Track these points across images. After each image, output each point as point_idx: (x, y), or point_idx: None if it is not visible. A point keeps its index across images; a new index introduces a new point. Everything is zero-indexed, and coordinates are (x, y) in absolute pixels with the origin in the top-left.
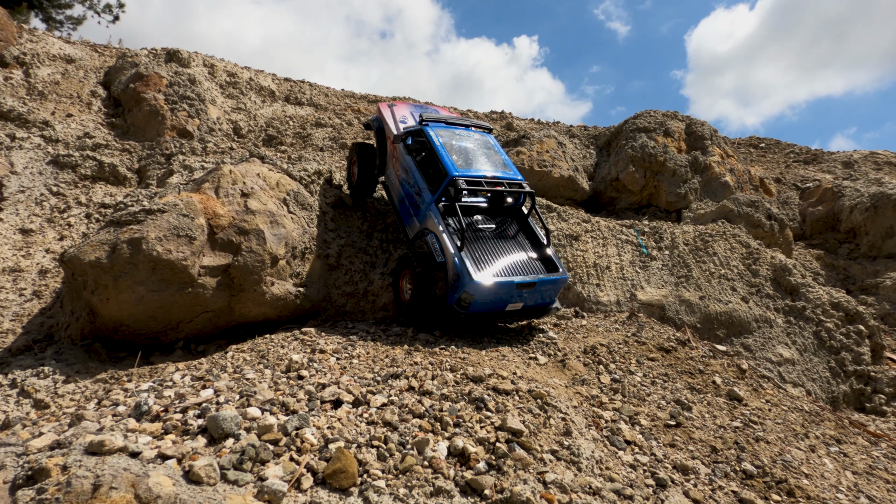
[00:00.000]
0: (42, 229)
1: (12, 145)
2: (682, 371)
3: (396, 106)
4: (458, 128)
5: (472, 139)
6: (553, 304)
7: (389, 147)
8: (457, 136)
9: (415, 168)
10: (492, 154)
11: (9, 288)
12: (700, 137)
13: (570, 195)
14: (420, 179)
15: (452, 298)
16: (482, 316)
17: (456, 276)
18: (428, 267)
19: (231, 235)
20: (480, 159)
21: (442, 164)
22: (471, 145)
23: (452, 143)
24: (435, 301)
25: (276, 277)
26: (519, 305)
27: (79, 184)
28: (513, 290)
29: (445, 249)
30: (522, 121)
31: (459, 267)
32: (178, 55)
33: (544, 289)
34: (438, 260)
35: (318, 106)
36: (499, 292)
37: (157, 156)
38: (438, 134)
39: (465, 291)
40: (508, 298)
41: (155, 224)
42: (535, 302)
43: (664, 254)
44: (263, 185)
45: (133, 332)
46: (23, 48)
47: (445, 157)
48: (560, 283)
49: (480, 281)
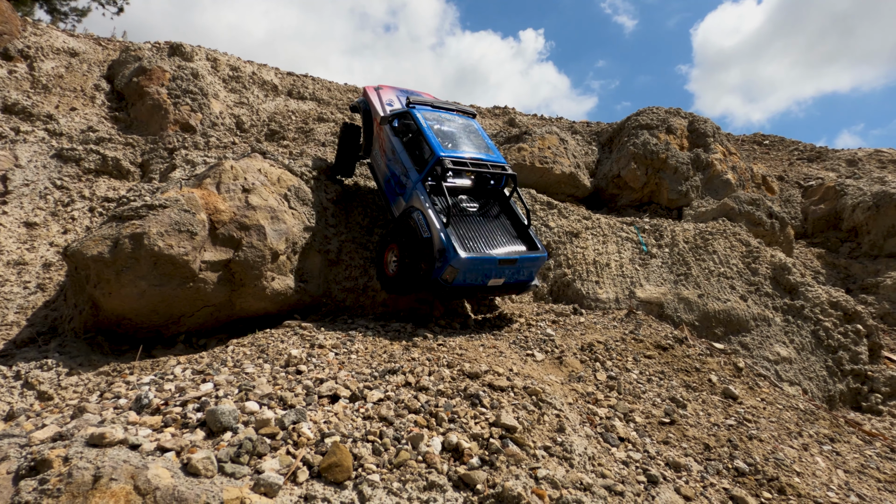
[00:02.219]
0: (46, 223)
1: (17, 139)
2: (678, 369)
3: (382, 90)
4: (443, 111)
5: (457, 123)
6: (533, 281)
7: (376, 128)
8: (442, 119)
9: (401, 149)
10: (475, 137)
11: (13, 281)
12: (703, 135)
13: (571, 192)
14: (407, 160)
15: (437, 273)
16: (465, 290)
17: (441, 252)
18: (414, 242)
19: (232, 231)
20: (465, 142)
21: (429, 145)
22: (455, 128)
23: (438, 126)
24: (419, 275)
25: (276, 272)
26: (500, 281)
27: (82, 177)
28: (495, 265)
29: (432, 226)
30: (525, 116)
31: (445, 242)
32: (182, 49)
33: (525, 265)
34: (424, 236)
35: (321, 100)
36: (482, 267)
37: (159, 150)
38: (426, 116)
39: (450, 266)
40: (490, 274)
41: (156, 219)
42: (516, 278)
43: (664, 252)
44: (264, 181)
45: (135, 325)
46: (27, 41)
47: (432, 138)
48: (540, 260)
49: (465, 256)
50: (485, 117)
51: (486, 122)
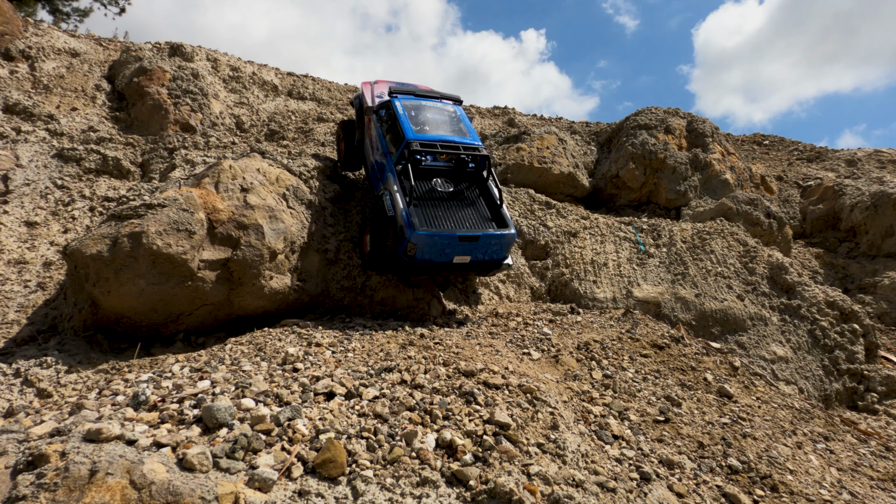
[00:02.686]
0: (47, 222)
1: (17, 138)
2: (674, 368)
3: (378, 84)
4: (426, 100)
5: (438, 109)
6: (505, 261)
7: (365, 120)
8: (422, 106)
9: (382, 136)
10: (454, 122)
11: (14, 279)
12: (701, 135)
13: (569, 192)
14: (385, 146)
15: (400, 249)
16: (429, 266)
17: (402, 229)
18: (381, 221)
19: (230, 230)
20: (441, 126)
21: (401, 129)
22: (434, 114)
23: (416, 113)
24: (387, 252)
25: (274, 272)
26: (466, 259)
27: (83, 177)
28: (455, 242)
29: (396, 205)
30: (525, 116)
31: (405, 219)
32: (182, 49)
33: (491, 243)
34: (389, 214)
35: (321, 100)
36: (442, 244)
37: (160, 150)
38: (404, 105)
39: (408, 242)
40: (453, 251)
41: (155, 218)
42: (484, 257)
43: (662, 251)
44: (263, 181)
45: (134, 324)
46: (28, 42)
47: (405, 123)
48: (507, 238)
49: (421, 232)
50: (484, 117)
51: (486, 123)
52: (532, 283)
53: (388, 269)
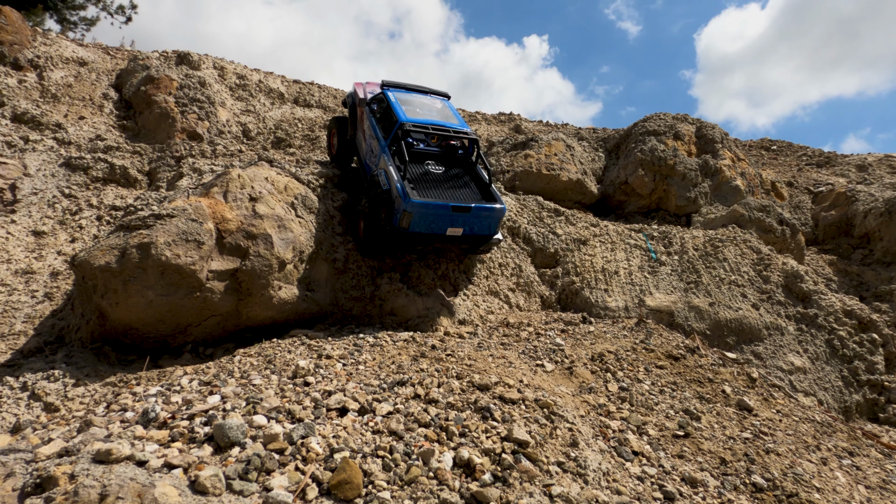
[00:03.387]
0: (54, 231)
1: (26, 147)
2: (690, 380)
3: (368, 84)
4: (416, 93)
5: (427, 99)
6: (496, 235)
7: (359, 113)
8: (413, 98)
9: (375, 125)
10: (443, 111)
11: (21, 290)
12: (711, 141)
13: (578, 198)
14: (378, 132)
15: (395, 220)
16: (423, 237)
17: (397, 200)
18: (376, 195)
19: (239, 240)
20: (431, 113)
21: (394, 114)
22: (425, 104)
23: (406, 101)
24: (382, 226)
25: (283, 282)
26: (459, 231)
27: (90, 186)
28: (449, 212)
29: (391, 179)
30: (531, 123)
31: (400, 190)
32: (189, 58)
33: (482, 216)
34: (384, 188)
35: (327, 108)
36: (436, 214)
37: (167, 158)
38: (396, 95)
39: (404, 210)
40: (447, 222)
41: (164, 229)
42: (475, 231)
43: (673, 259)
44: (272, 190)
45: (142, 335)
46: (37, 51)
47: (397, 108)
48: (497, 212)
49: (416, 200)
50: (490, 124)
51: (492, 129)
52: (542, 291)
53: (383, 248)
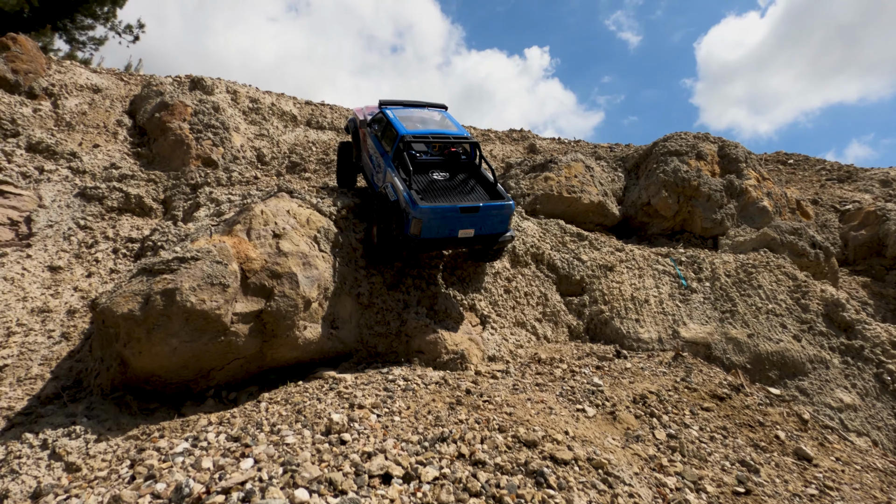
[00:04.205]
0: (70, 266)
1: (41, 178)
2: (740, 423)
3: (367, 107)
4: (413, 108)
5: (425, 112)
6: (507, 233)
7: (361, 136)
8: (411, 112)
9: (377, 142)
10: (442, 121)
11: (37, 330)
12: (734, 160)
13: (599, 221)
14: (381, 149)
15: (406, 228)
16: (436, 242)
17: (406, 208)
18: (385, 208)
19: (264, 279)
20: (430, 124)
21: (394, 129)
22: (423, 117)
23: (405, 116)
24: (394, 236)
25: (308, 321)
26: (470, 232)
27: (105, 216)
28: (458, 214)
29: (397, 189)
30: (545, 140)
31: (407, 198)
32: (202, 83)
33: (491, 214)
34: (392, 199)
35: (340, 130)
36: (445, 217)
37: (182, 186)
38: (395, 112)
39: (414, 217)
40: (457, 224)
41: (188, 273)
42: (486, 230)
43: (705, 286)
44: (294, 224)
45: (164, 381)
46: (51, 79)
47: (396, 123)
48: (507, 209)
49: (425, 206)
50: (504, 143)
51: (508, 149)
52: (569, 321)
53: (396, 256)
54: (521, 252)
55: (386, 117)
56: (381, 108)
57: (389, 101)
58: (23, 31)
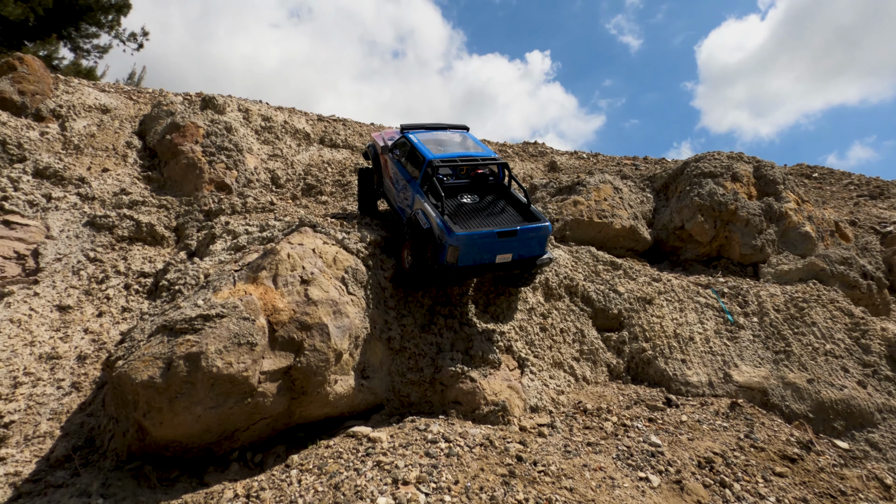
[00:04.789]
0: (80, 304)
1: (48, 206)
2: (820, 493)
3: (386, 132)
4: (435, 131)
5: (447, 134)
6: (545, 255)
7: (382, 161)
8: (433, 135)
9: (402, 168)
10: (466, 142)
11: (46, 379)
12: (771, 182)
13: (630, 246)
14: (407, 174)
15: (442, 257)
16: (474, 269)
17: (441, 236)
18: (419, 236)
19: (292, 332)
20: (454, 146)
21: (420, 154)
22: (446, 139)
23: (429, 139)
24: (428, 264)
25: (339, 373)
26: (508, 257)
27: (115, 246)
28: (495, 239)
29: (430, 217)
30: (563, 156)
31: (441, 226)
32: (214, 102)
33: (528, 237)
34: (425, 227)
35: (354, 147)
36: (482, 243)
37: (195, 212)
38: (417, 136)
39: (450, 245)
40: (494, 249)
41: (214, 333)
42: (524, 254)
43: (753, 322)
44: (322, 267)
45: (185, 447)
46: (59, 100)
47: (422, 148)
48: (543, 230)
49: (460, 232)
50: (524, 160)
51: (528, 167)
52: (608, 359)
53: (430, 281)
54: (554, 284)
55: (409, 142)
56: (403, 133)
57: (411, 125)
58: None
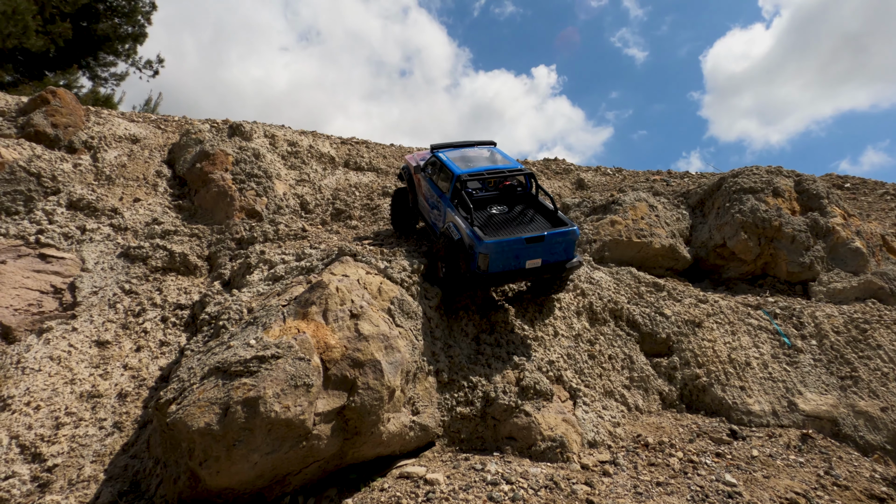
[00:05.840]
0: (118, 339)
1: (83, 238)
2: None
3: (418, 153)
4: (463, 148)
5: (475, 150)
6: (574, 259)
7: (415, 180)
8: (461, 152)
9: (433, 185)
10: (493, 156)
11: (88, 419)
12: (815, 196)
13: (670, 265)
14: (438, 191)
15: (474, 265)
16: (504, 276)
17: (472, 245)
18: (451, 247)
19: (345, 370)
20: (482, 161)
21: (449, 170)
22: (474, 155)
23: (457, 156)
24: (461, 273)
25: (392, 412)
26: (537, 262)
27: (150, 276)
28: (523, 245)
29: (460, 228)
30: (588, 173)
31: (471, 235)
32: (241, 129)
33: (556, 241)
34: (456, 238)
35: (379, 170)
36: (511, 249)
37: (227, 240)
38: (447, 154)
39: (480, 253)
40: (524, 255)
41: (271, 377)
42: (553, 258)
43: (811, 345)
44: (369, 299)
45: (238, 493)
46: (90, 132)
47: (450, 164)
48: (571, 235)
49: (489, 240)
50: (550, 179)
51: (555, 185)
52: (660, 387)
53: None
54: (598, 308)
55: (439, 160)
56: (433, 152)
57: (440, 144)
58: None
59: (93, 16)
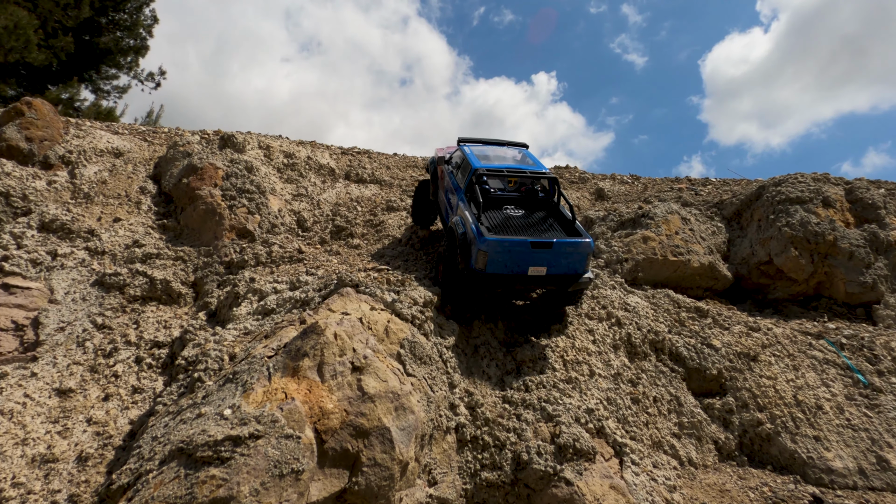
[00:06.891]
0: (83, 386)
1: (53, 265)
2: None
3: (449, 146)
4: (493, 145)
5: (503, 150)
6: (585, 274)
7: (439, 172)
8: (490, 149)
9: (453, 177)
10: (523, 158)
11: (38, 492)
12: (870, 206)
13: (709, 285)
14: (455, 183)
15: (471, 262)
16: (503, 279)
17: (472, 240)
18: (452, 241)
19: (346, 441)
20: (506, 159)
21: (469, 162)
22: (501, 153)
23: (482, 152)
24: (459, 270)
25: (405, 487)
26: (542, 270)
27: (126, 307)
28: (528, 249)
29: (466, 222)
30: (606, 181)
31: (475, 230)
32: (233, 140)
33: (566, 251)
34: (459, 232)
35: (383, 182)
36: (514, 252)
37: (214, 264)
38: (472, 147)
39: (479, 249)
40: (527, 260)
41: (248, 465)
42: (560, 269)
43: (891, 383)
44: (375, 345)
45: None
46: (69, 146)
47: (471, 157)
48: (583, 246)
49: (491, 238)
50: (567, 188)
51: (574, 196)
52: (714, 434)
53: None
54: (637, 341)
55: (463, 153)
56: (460, 145)
57: (469, 139)
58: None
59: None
